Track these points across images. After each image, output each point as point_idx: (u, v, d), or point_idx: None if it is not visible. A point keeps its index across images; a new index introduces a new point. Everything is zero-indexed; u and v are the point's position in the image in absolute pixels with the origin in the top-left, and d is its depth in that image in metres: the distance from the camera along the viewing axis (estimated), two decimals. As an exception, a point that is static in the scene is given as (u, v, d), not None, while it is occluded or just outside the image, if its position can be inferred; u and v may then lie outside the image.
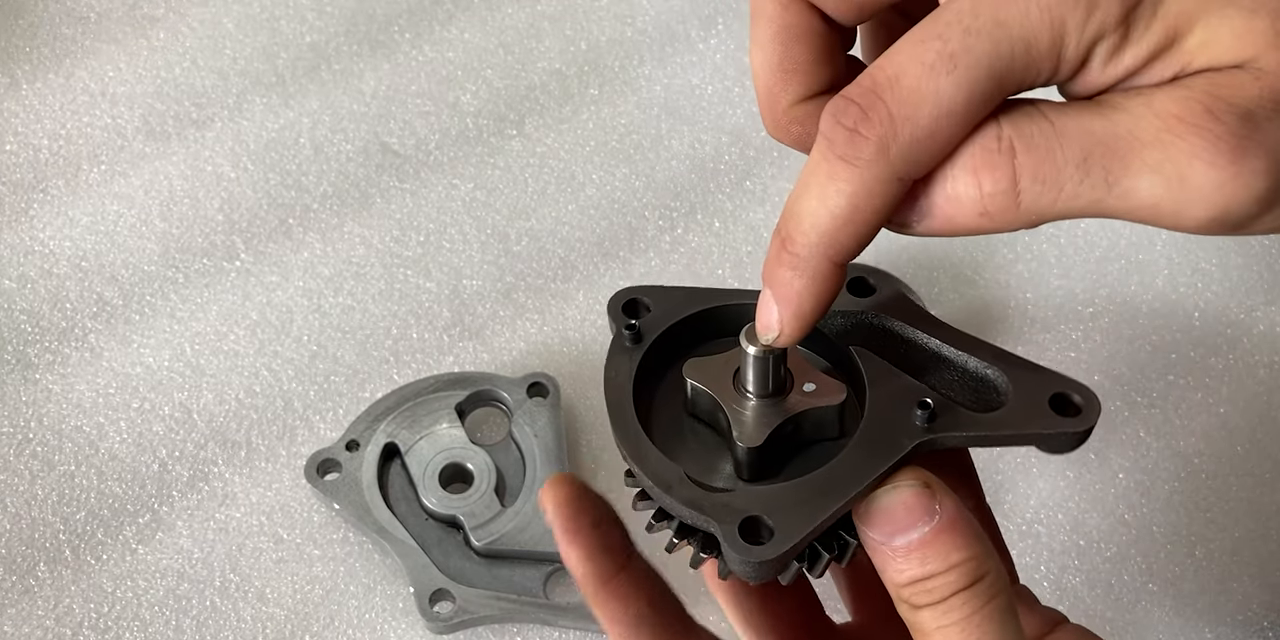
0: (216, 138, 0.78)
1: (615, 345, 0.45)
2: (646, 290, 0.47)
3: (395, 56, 0.82)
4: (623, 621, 0.44)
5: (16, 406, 0.69)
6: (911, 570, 0.42)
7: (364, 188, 0.77)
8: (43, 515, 0.66)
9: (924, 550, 0.42)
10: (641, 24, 0.84)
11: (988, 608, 0.42)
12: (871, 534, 0.42)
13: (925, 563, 0.42)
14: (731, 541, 0.41)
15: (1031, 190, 0.38)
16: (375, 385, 0.70)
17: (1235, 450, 0.71)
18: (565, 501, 0.43)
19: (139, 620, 0.64)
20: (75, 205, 0.75)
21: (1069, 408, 0.44)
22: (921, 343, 0.45)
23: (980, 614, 0.42)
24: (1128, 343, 0.73)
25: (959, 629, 0.42)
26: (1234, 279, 0.76)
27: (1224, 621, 0.66)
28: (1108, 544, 0.68)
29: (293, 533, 0.67)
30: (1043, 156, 0.38)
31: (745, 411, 0.44)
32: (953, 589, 0.42)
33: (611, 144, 0.79)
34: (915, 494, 0.42)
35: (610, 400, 0.44)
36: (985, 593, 0.42)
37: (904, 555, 0.42)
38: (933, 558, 0.42)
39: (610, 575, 0.43)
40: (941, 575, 0.42)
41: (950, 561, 0.42)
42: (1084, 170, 0.37)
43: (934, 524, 0.42)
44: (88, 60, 0.80)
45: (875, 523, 0.42)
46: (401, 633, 0.64)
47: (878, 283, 0.47)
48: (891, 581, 0.42)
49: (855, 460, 0.42)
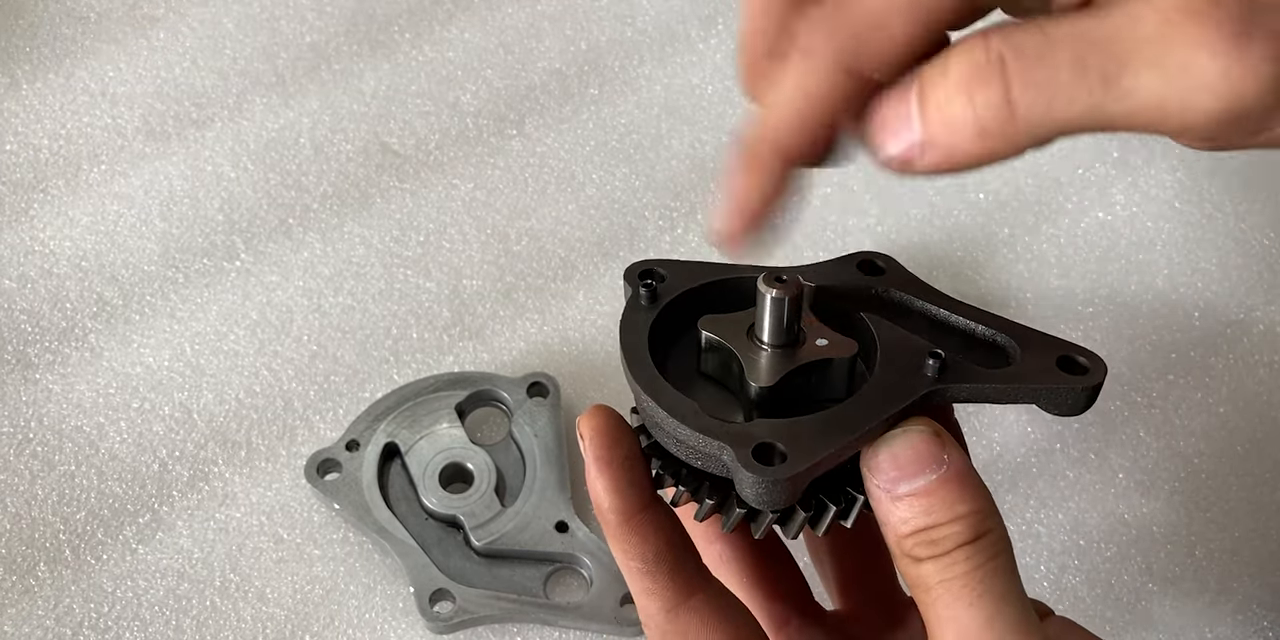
0: (216, 138, 0.78)
1: (630, 305, 0.46)
2: (662, 262, 0.47)
3: (395, 56, 0.82)
4: (640, 558, 0.44)
5: (16, 406, 0.69)
6: (916, 520, 0.41)
7: (364, 188, 0.77)
8: (43, 515, 0.66)
9: (929, 499, 0.41)
10: (641, 24, 0.84)
11: (991, 564, 0.41)
12: (877, 481, 0.41)
13: (930, 512, 0.41)
14: (746, 462, 0.40)
15: (1025, 98, 0.36)
16: (375, 385, 0.70)
17: (1235, 450, 0.71)
18: (602, 430, 0.44)
19: (139, 620, 0.64)
20: (75, 205, 0.75)
21: (1076, 367, 0.44)
22: (931, 313, 0.46)
23: (984, 569, 0.41)
24: (1128, 343, 0.73)
25: (961, 583, 0.41)
26: (1234, 279, 0.76)
27: (1224, 621, 0.66)
28: (1108, 544, 0.68)
29: (293, 533, 0.67)
30: (1034, 62, 0.36)
31: (759, 358, 0.44)
32: (957, 541, 0.41)
33: (611, 144, 0.79)
34: (924, 439, 0.41)
35: (625, 342, 0.44)
36: (989, 548, 0.41)
37: (908, 504, 0.41)
38: (938, 507, 0.41)
39: (634, 511, 0.44)
40: (946, 525, 0.41)
41: (955, 512, 0.41)
42: (1079, 72, 0.36)
43: (941, 473, 0.41)
44: (88, 60, 0.80)
45: (882, 468, 0.41)
46: (401, 633, 0.64)
47: (886, 264, 0.47)
48: (894, 533, 0.41)
49: (867, 401, 0.42)
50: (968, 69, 0.37)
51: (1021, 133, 0.37)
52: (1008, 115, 0.37)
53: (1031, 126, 0.37)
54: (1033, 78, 0.36)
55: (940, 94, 0.37)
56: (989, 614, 0.41)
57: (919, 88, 0.38)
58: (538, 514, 0.65)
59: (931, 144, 0.38)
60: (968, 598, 0.41)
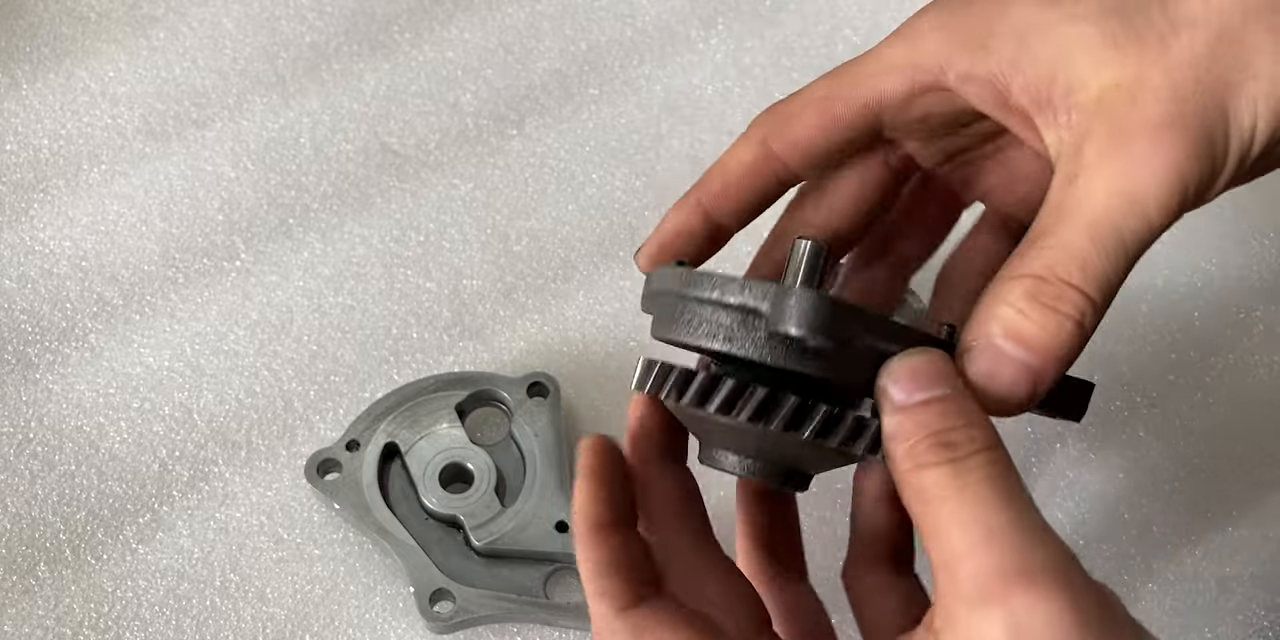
0: (216, 138, 0.78)
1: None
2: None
3: (395, 56, 0.82)
4: (598, 561, 0.45)
5: (16, 406, 0.69)
6: (932, 423, 0.41)
7: (364, 188, 0.77)
8: (43, 515, 0.66)
9: (946, 404, 0.41)
10: (641, 24, 0.84)
11: (1011, 471, 0.40)
12: (894, 389, 0.42)
13: (946, 416, 0.41)
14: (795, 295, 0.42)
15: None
16: (375, 385, 0.70)
17: (1235, 450, 0.71)
18: (597, 449, 0.47)
19: (139, 620, 0.64)
20: (75, 205, 0.75)
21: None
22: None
23: (1008, 475, 0.40)
24: (1128, 343, 0.73)
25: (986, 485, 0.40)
26: (1234, 279, 0.76)
27: (1224, 621, 0.66)
28: (1108, 544, 0.68)
29: (293, 533, 0.67)
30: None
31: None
32: (974, 446, 0.40)
33: (611, 144, 0.79)
34: (940, 358, 0.42)
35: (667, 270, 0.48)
36: (1004, 459, 0.41)
37: (924, 408, 0.41)
38: (953, 413, 0.41)
39: (606, 522, 0.46)
40: (963, 430, 0.41)
41: (971, 419, 0.41)
42: None
43: (955, 387, 0.42)
44: (88, 60, 0.80)
45: (899, 377, 0.42)
46: (401, 633, 0.64)
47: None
48: (906, 441, 0.41)
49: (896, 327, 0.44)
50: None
51: None
52: None
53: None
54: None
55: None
56: (1017, 513, 0.39)
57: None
58: (538, 514, 0.65)
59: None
60: (993, 498, 0.39)
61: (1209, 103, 0.43)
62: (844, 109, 0.50)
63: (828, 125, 0.50)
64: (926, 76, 0.48)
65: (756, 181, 0.52)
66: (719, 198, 0.52)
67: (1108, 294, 0.44)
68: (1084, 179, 0.44)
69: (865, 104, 0.49)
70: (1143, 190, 0.43)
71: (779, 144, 0.51)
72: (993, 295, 0.44)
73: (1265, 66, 0.44)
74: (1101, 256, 0.43)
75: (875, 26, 0.84)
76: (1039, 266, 0.43)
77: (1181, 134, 0.43)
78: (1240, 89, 0.44)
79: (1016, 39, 0.45)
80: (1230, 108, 0.44)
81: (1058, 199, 0.44)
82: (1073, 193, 0.44)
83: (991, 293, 0.44)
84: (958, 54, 0.47)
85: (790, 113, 0.51)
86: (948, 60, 0.47)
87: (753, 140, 0.51)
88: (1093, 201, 0.43)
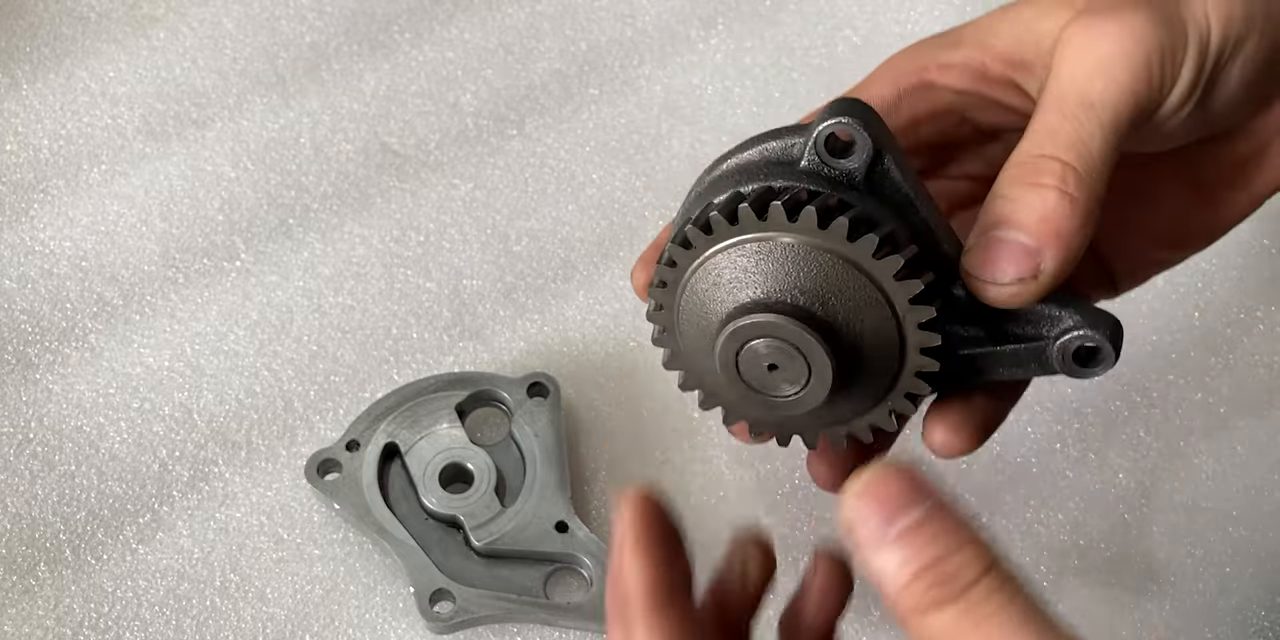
0: (216, 138, 0.78)
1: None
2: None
3: (395, 56, 0.82)
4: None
5: (16, 406, 0.69)
6: (920, 555, 0.35)
7: (364, 188, 0.77)
8: (43, 515, 0.66)
9: (928, 528, 0.36)
10: (641, 24, 0.84)
11: (1024, 591, 0.36)
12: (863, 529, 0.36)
13: (935, 541, 0.35)
14: (831, 105, 0.42)
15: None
16: (375, 385, 0.70)
17: (1235, 450, 0.71)
18: (644, 506, 0.40)
19: (139, 620, 0.64)
20: (75, 205, 0.75)
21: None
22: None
23: (1021, 597, 0.35)
24: (1128, 343, 0.73)
25: (1005, 617, 0.35)
26: (1234, 279, 0.76)
27: (1224, 621, 0.66)
28: (1108, 544, 0.68)
29: (293, 533, 0.67)
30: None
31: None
32: (976, 571, 0.35)
33: (611, 144, 0.79)
34: (900, 472, 0.36)
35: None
36: (1010, 575, 0.36)
37: (906, 542, 0.35)
38: (940, 534, 0.35)
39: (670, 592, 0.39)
40: (956, 555, 0.35)
41: (962, 538, 0.36)
42: None
43: (931, 501, 0.36)
44: (88, 60, 0.80)
45: (864, 514, 0.36)
46: (401, 633, 0.64)
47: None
48: (896, 584, 0.36)
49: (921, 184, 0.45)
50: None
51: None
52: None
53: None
54: None
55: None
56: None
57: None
58: (538, 514, 0.65)
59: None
60: (1014, 632, 0.35)
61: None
62: None
63: None
64: (909, 77, 0.50)
65: None
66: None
67: (1087, 158, 0.43)
68: (1055, 70, 0.45)
69: None
70: (1105, 56, 0.44)
71: None
72: (988, 197, 0.45)
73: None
74: (1071, 121, 0.44)
75: (875, 27, 0.84)
76: (1019, 154, 0.44)
77: (1134, 7, 0.45)
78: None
79: (983, 28, 0.49)
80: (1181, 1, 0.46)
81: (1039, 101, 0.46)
82: (1047, 86, 0.45)
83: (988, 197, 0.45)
84: (934, 54, 0.50)
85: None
86: (927, 59, 0.50)
87: None
88: (1062, 82, 0.45)
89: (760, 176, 0.44)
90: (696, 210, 0.45)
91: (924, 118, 0.51)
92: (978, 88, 0.49)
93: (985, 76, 0.49)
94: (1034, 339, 0.45)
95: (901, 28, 0.84)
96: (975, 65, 0.49)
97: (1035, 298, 0.43)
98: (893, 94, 0.50)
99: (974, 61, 0.49)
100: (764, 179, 0.44)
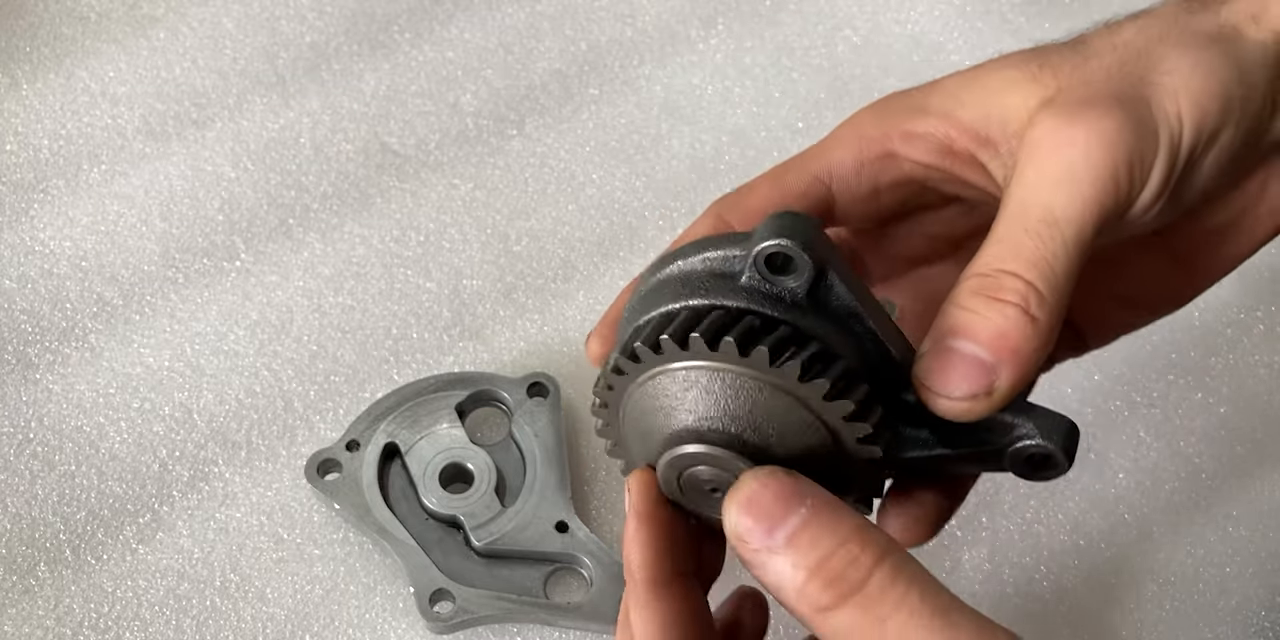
0: (216, 138, 0.78)
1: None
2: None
3: (395, 56, 0.82)
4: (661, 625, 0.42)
5: (16, 406, 0.69)
6: (807, 558, 0.37)
7: (364, 188, 0.77)
8: (43, 515, 0.66)
9: (809, 531, 0.37)
10: (641, 24, 0.84)
11: (921, 577, 0.37)
12: (750, 543, 0.38)
13: (816, 543, 0.37)
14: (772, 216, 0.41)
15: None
16: (375, 385, 0.70)
17: (1235, 450, 0.71)
18: (650, 486, 0.43)
19: (139, 620, 0.64)
20: (75, 205, 0.75)
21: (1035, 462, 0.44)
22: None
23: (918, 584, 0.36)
24: (1128, 343, 0.73)
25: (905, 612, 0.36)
26: (1234, 279, 0.76)
27: (1224, 621, 0.66)
28: (1108, 544, 0.68)
29: (293, 533, 0.67)
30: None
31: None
32: (866, 565, 0.36)
33: (611, 144, 0.79)
34: (776, 476, 0.38)
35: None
36: (904, 563, 0.37)
37: (791, 546, 0.37)
38: (823, 534, 0.37)
39: (668, 577, 0.42)
40: (841, 551, 0.37)
41: (842, 534, 0.37)
42: None
43: (809, 503, 0.37)
44: (88, 60, 0.80)
45: (746, 524, 0.38)
46: (401, 633, 0.64)
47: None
48: (792, 589, 0.37)
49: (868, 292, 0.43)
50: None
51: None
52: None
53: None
54: None
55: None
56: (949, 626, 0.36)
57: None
58: (538, 514, 0.65)
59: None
60: (918, 622, 0.36)
61: (1128, 90, 0.44)
62: (795, 179, 0.50)
63: (778, 196, 0.50)
64: (873, 145, 0.49)
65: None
66: None
67: (1050, 278, 0.42)
68: (1018, 174, 0.44)
69: (816, 175, 0.49)
70: (1071, 166, 0.43)
71: (734, 216, 0.50)
72: (945, 304, 0.43)
73: (1178, 63, 0.45)
74: (1034, 238, 0.42)
75: (875, 27, 0.84)
76: (980, 264, 0.43)
77: (1107, 112, 0.43)
78: (1157, 83, 0.44)
79: (950, 96, 0.47)
80: (1151, 97, 0.44)
81: (1002, 203, 0.44)
82: (1010, 191, 0.44)
83: (944, 304, 0.43)
84: (899, 121, 0.48)
85: (745, 189, 0.51)
86: (891, 127, 0.49)
87: (709, 216, 0.50)
88: (1026, 191, 0.43)
89: (700, 291, 0.43)
90: (639, 319, 0.45)
91: (885, 187, 0.50)
92: (941, 163, 0.48)
93: (949, 151, 0.48)
94: (985, 444, 0.44)
95: (901, 28, 0.84)
96: (940, 138, 0.48)
97: (986, 413, 0.42)
98: (854, 161, 0.49)
99: (939, 134, 0.47)
100: (703, 294, 0.43)
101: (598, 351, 0.48)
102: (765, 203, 0.49)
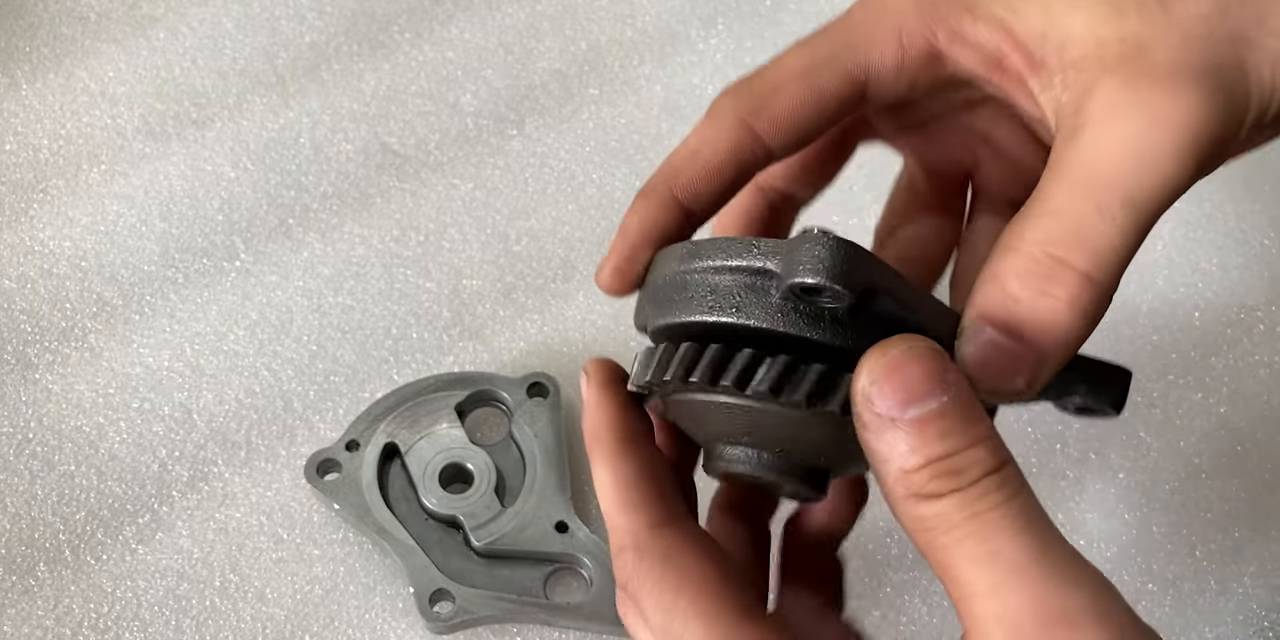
0: (216, 138, 0.78)
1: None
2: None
3: (395, 56, 0.82)
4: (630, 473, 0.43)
5: (16, 406, 0.69)
6: (930, 448, 0.35)
7: (364, 188, 0.77)
8: (43, 515, 0.66)
9: (944, 422, 0.35)
10: (641, 24, 0.84)
11: (1027, 491, 0.35)
12: (878, 405, 0.36)
13: (946, 436, 0.35)
14: (812, 240, 0.38)
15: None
16: (375, 385, 0.70)
17: (1235, 450, 0.71)
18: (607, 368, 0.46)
19: (139, 620, 0.64)
20: (75, 205, 0.75)
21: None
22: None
23: (1023, 497, 0.35)
24: (1128, 343, 0.73)
25: (1001, 514, 0.35)
26: (1234, 279, 0.76)
27: (1224, 621, 0.66)
28: (1108, 544, 0.68)
29: (293, 533, 0.67)
30: None
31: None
32: (984, 469, 0.35)
33: (611, 144, 0.79)
34: (931, 355, 0.36)
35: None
36: (1018, 477, 0.36)
37: (918, 430, 0.35)
38: (954, 431, 0.35)
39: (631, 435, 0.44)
40: (967, 452, 0.35)
41: (974, 435, 0.35)
42: None
43: (952, 393, 0.35)
44: (88, 60, 0.80)
45: (884, 390, 0.35)
46: (401, 633, 0.64)
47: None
48: (898, 467, 0.35)
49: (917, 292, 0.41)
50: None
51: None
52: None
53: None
54: None
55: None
56: (1041, 544, 0.35)
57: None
58: (538, 514, 0.65)
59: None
60: (1011, 529, 0.34)
61: (1225, 55, 0.40)
62: (830, 82, 0.45)
63: (814, 101, 0.45)
64: (918, 42, 0.44)
65: (739, 167, 0.46)
66: (697, 187, 0.46)
67: (1114, 270, 0.39)
68: (1089, 136, 0.39)
69: (853, 76, 0.45)
70: (1158, 145, 0.39)
71: (762, 124, 0.45)
72: (989, 271, 0.40)
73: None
74: (1108, 224, 0.39)
75: (875, 26, 0.84)
76: (1038, 238, 0.39)
77: (1199, 84, 0.39)
78: (1258, 44, 0.40)
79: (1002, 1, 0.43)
80: (1248, 61, 0.40)
81: (1058, 159, 0.40)
82: (1076, 152, 0.39)
83: (989, 267, 0.40)
84: (945, 16, 0.43)
85: (769, 90, 0.45)
86: (937, 23, 0.43)
87: (728, 121, 0.45)
88: (1099, 161, 0.39)
89: (731, 307, 0.41)
90: (661, 319, 0.44)
91: (919, 85, 0.45)
92: (990, 77, 0.44)
93: (1000, 67, 0.43)
94: (1035, 401, 0.44)
95: (901, 28, 0.84)
96: (991, 50, 0.43)
97: (1029, 398, 0.41)
98: (894, 60, 0.44)
99: (989, 45, 0.42)
100: (734, 312, 0.40)
101: (614, 281, 0.46)
102: (799, 112, 0.45)
